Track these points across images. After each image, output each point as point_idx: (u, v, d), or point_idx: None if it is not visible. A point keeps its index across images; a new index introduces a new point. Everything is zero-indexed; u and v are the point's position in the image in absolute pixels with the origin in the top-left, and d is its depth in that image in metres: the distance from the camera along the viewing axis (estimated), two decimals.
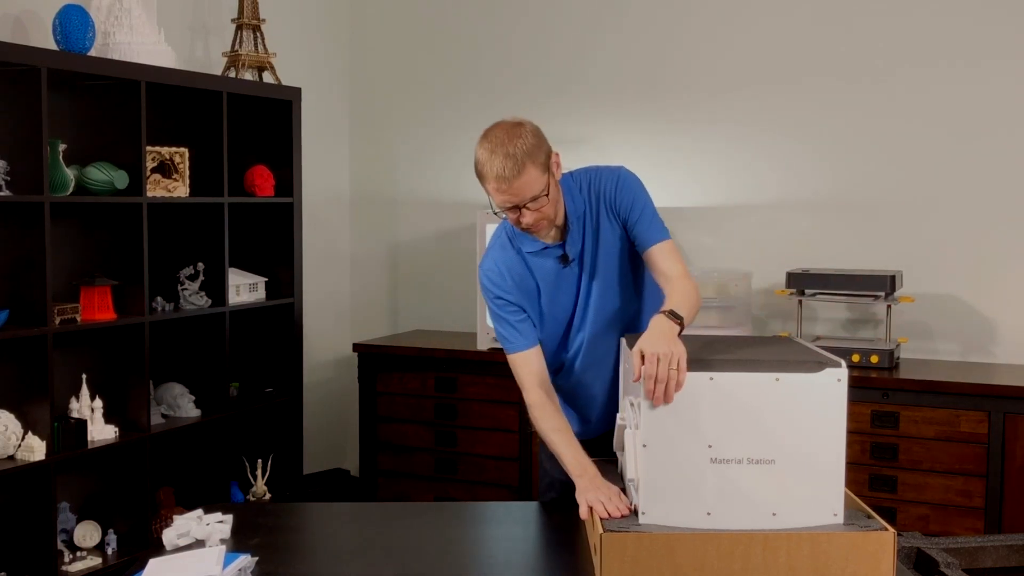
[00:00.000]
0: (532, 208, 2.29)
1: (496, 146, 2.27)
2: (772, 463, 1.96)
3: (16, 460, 3.19)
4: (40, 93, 3.16)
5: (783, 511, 1.95)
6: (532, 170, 2.27)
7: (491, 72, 4.78)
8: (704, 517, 1.96)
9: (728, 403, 1.97)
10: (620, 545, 1.89)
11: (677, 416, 1.98)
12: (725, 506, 1.96)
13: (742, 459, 1.97)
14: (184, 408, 3.85)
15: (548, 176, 2.31)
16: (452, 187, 4.87)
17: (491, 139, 2.30)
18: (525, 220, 2.31)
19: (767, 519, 1.95)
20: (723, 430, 1.97)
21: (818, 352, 2.12)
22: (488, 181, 2.28)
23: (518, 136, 2.29)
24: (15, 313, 3.25)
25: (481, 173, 2.30)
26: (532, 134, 2.32)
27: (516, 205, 2.28)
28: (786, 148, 4.30)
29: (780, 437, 1.96)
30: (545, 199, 2.30)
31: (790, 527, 1.94)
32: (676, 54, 4.45)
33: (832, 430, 1.98)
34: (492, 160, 2.26)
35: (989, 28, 3.98)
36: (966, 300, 4.06)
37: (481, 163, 2.29)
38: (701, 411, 1.97)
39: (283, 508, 2.71)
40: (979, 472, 3.57)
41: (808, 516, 1.96)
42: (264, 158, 4.19)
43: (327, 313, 4.93)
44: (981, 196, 4.02)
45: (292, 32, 4.63)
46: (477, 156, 2.31)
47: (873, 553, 1.89)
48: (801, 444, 1.96)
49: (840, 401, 1.99)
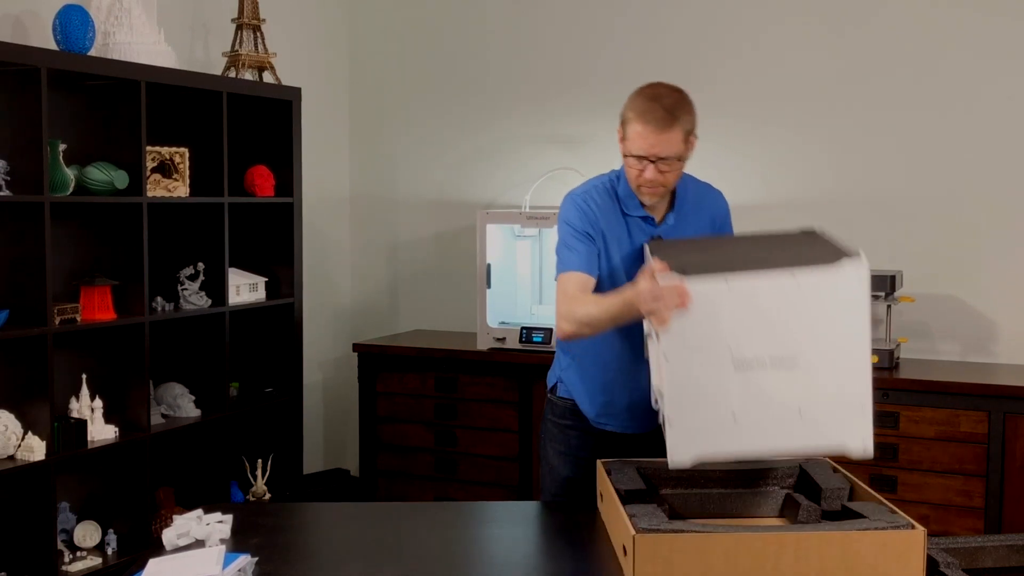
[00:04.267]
0: (660, 167, 2.37)
1: (658, 96, 2.37)
2: (795, 362, 1.95)
3: (16, 460, 3.18)
4: (40, 93, 3.16)
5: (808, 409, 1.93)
6: (679, 133, 2.36)
7: (491, 72, 4.78)
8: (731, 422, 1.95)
9: (746, 307, 1.97)
10: (653, 546, 1.89)
11: (696, 325, 1.97)
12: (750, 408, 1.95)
13: (764, 361, 1.96)
14: (184, 408, 3.85)
15: (685, 148, 2.40)
16: (452, 187, 4.87)
17: (654, 90, 2.40)
18: (648, 174, 2.37)
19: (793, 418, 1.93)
20: (743, 334, 1.97)
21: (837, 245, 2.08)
22: (636, 124, 2.36)
23: (681, 98, 2.41)
24: (15, 313, 3.25)
25: (631, 116, 2.37)
26: (692, 106, 2.43)
27: (649, 156, 2.35)
28: (786, 148, 4.30)
29: (802, 335, 1.95)
30: (675, 164, 2.38)
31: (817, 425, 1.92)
32: (676, 54, 4.45)
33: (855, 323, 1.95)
34: (651, 106, 2.35)
35: (991, 28, 3.98)
36: (966, 300, 4.06)
37: (638, 106, 2.37)
38: (720, 318, 1.97)
39: (283, 508, 2.71)
40: (979, 472, 3.57)
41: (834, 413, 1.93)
42: (264, 158, 4.20)
43: (327, 313, 4.93)
44: (981, 196, 4.02)
45: (292, 32, 4.63)
46: (632, 101, 2.39)
47: (903, 552, 1.90)
48: (823, 341, 1.95)
49: (861, 294, 1.96)
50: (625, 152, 2.40)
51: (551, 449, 2.63)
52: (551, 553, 2.14)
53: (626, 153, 2.40)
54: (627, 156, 2.40)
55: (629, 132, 2.39)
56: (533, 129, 4.69)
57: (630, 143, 2.38)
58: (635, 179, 2.42)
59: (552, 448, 2.62)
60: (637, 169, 2.39)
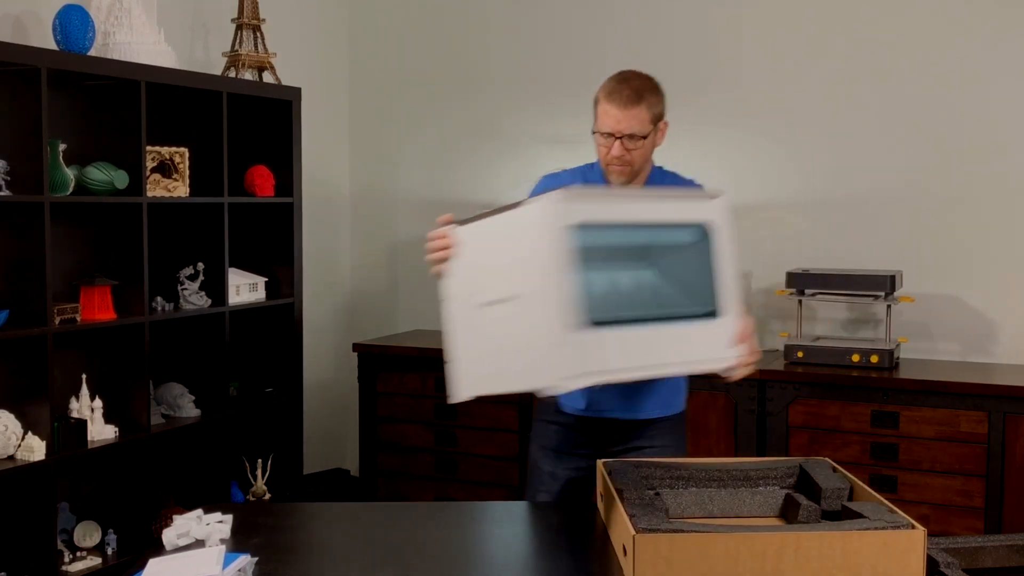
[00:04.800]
0: (626, 145, 2.45)
1: (630, 79, 2.51)
2: (517, 299, 1.99)
3: (16, 460, 3.19)
4: (40, 93, 3.16)
5: (527, 346, 1.96)
6: (644, 111, 2.47)
7: (492, 72, 4.78)
8: (491, 359, 2.05)
9: (482, 248, 2.12)
10: (653, 546, 1.89)
11: (458, 269, 2.15)
12: (497, 345, 2.04)
13: (496, 300, 2.03)
14: (184, 408, 3.85)
15: (652, 130, 2.50)
16: (452, 187, 4.87)
17: (625, 73, 2.54)
18: (615, 151, 2.46)
19: (525, 354, 1.97)
20: (485, 275, 2.09)
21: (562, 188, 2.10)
22: (604, 103, 2.48)
23: (651, 84, 2.53)
24: (15, 313, 3.25)
25: (601, 96, 2.49)
26: (660, 91, 2.55)
27: (615, 133, 2.45)
28: (786, 148, 4.30)
29: (521, 271, 1.99)
30: (641, 142, 2.47)
31: (534, 362, 1.96)
32: (676, 54, 4.45)
33: (552, 256, 1.93)
34: (621, 86, 2.48)
35: (991, 28, 3.98)
36: (966, 300, 4.06)
37: (607, 87, 2.50)
38: (469, 261, 2.14)
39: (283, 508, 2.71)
40: (979, 472, 3.57)
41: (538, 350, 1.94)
42: (264, 158, 4.20)
43: (327, 313, 4.93)
44: (981, 196, 4.02)
45: (292, 32, 4.63)
46: (605, 83, 2.52)
47: (903, 552, 1.90)
48: (534, 275, 1.96)
49: (549, 226, 1.94)
50: (595, 130, 2.50)
51: (537, 451, 2.66)
52: (551, 553, 2.14)
53: (595, 130, 2.50)
54: (596, 133, 2.50)
55: (598, 111, 2.49)
56: (534, 129, 4.69)
57: (599, 121, 2.49)
58: (604, 157, 2.51)
59: (538, 450, 2.65)
60: (605, 147, 2.49)
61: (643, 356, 2.06)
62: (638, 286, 2.15)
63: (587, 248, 2.00)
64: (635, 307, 2.11)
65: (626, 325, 2.04)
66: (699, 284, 2.16)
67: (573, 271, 1.94)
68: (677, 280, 2.18)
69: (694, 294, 2.16)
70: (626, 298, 2.12)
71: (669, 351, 2.10)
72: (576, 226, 1.97)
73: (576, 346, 1.95)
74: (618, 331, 2.02)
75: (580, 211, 1.99)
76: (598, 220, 2.05)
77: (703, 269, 2.16)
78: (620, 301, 2.10)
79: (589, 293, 1.98)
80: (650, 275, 2.19)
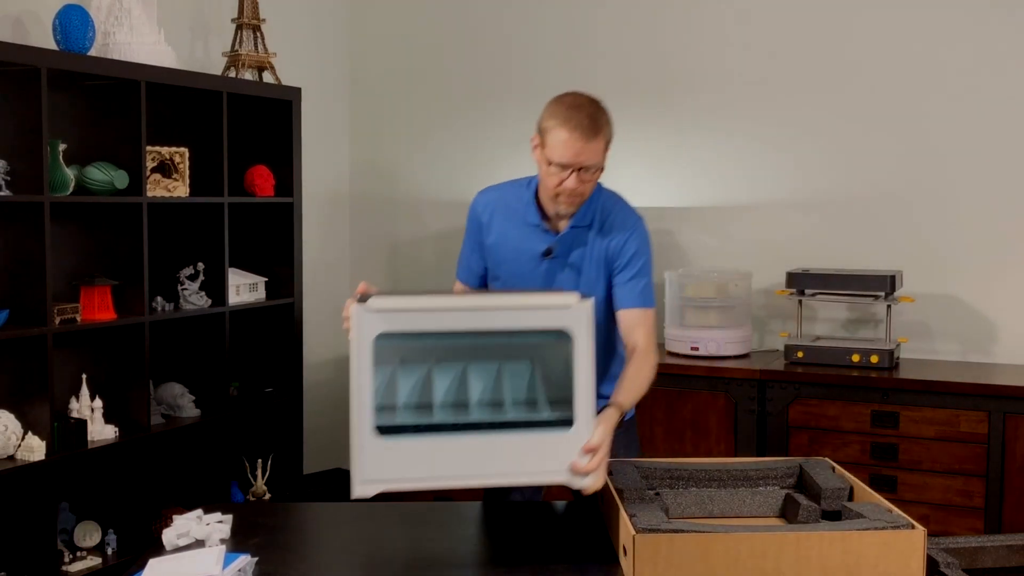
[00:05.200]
0: (582, 177, 2.35)
1: (581, 106, 2.35)
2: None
3: (16, 460, 3.18)
4: (40, 93, 3.16)
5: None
6: (602, 142, 2.37)
7: (491, 72, 4.78)
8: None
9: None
10: (653, 546, 1.89)
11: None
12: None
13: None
14: (184, 408, 3.85)
15: (604, 158, 2.40)
16: (452, 187, 4.87)
17: (575, 99, 2.37)
18: (569, 184, 2.35)
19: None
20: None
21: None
22: (561, 132, 2.32)
23: (601, 108, 2.39)
24: (15, 313, 3.25)
25: (555, 124, 2.34)
26: (609, 114, 2.41)
27: (574, 166, 2.33)
28: (786, 148, 4.30)
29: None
30: (596, 173, 2.38)
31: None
32: (676, 54, 4.45)
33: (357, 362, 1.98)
34: (575, 115, 2.32)
35: (991, 28, 3.98)
36: (966, 300, 4.06)
37: (559, 115, 2.34)
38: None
39: (283, 508, 2.71)
40: (979, 472, 3.57)
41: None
42: (264, 158, 4.20)
43: (327, 313, 4.93)
44: (982, 196, 4.02)
45: (292, 32, 4.63)
46: (554, 109, 2.36)
47: (904, 551, 1.90)
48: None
49: (359, 331, 1.98)
50: (547, 160, 2.36)
51: None
52: (551, 553, 2.13)
53: (549, 161, 2.36)
54: (549, 164, 2.36)
55: (552, 140, 2.34)
56: (533, 129, 4.68)
57: (552, 151, 2.34)
58: (554, 188, 2.38)
59: None
60: (559, 178, 2.35)
61: (465, 465, 2.02)
62: (482, 392, 2.09)
63: (420, 352, 2.02)
64: (467, 414, 2.06)
65: (448, 432, 2.02)
66: (551, 391, 2.09)
67: (373, 378, 1.97)
68: (526, 387, 2.10)
69: (543, 402, 2.09)
70: (457, 406, 2.07)
71: (503, 460, 2.03)
72: (396, 334, 1.99)
73: (374, 452, 1.98)
74: (434, 438, 2.01)
75: (396, 320, 1.99)
76: (423, 329, 2.02)
77: (557, 376, 2.08)
78: (451, 408, 2.06)
79: (405, 402, 2.00)
80: (495, 381, 2.11)
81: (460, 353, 2.08)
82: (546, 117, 2.38)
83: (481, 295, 2.10)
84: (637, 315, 2.44)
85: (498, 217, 2.55)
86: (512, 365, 2.09)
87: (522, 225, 2.51)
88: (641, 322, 2.44)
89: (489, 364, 2.08)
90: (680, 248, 4.43)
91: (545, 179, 2.40)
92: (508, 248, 2.54)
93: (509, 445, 2.03)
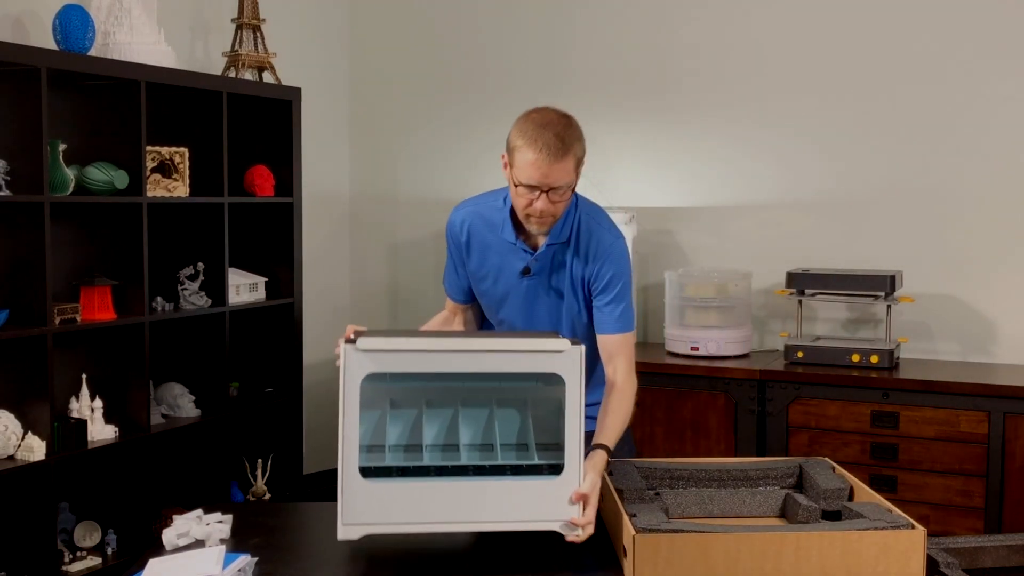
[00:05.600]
0: (552, 198, 2.28)
1: (549, 123, 2.26)
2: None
3: (16, 460, 3.18)
4: (40, 93, 3.16)
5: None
6: (571, 161, 2.27)
7: (491, 72, 4.78)
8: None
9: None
10: (653, 546, 1.89)
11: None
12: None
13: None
14: (184, 408, 3.85)
15: (576, 176, 2.31)
16: (452, 187, 4.87)
17: (543, 116, 2.29)
18: (539, 205, 2.28)
19: None
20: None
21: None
22: (527, 152, 2.24)
23: (570, 125, 2.29)
24: (15, 313, 3.25)
25: (522, 144, 2.26)
26: (580, 130, 2.32)
27: (541, 187, 2.26)
28: (786, 148, 4.30)
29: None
30: (566, 194, 2.30)
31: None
32: (675, 53, 4.45)
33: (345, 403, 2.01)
34: (542, 134, 2.24)
35: (990, 28, 3.98)
36: (966, 300, 4.06)
37: (527, 134, 2.26)
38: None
39: (283, 508, 2.71)
40: (979, 472, 3.57)
41: None
42: (264, 158, 4.20)
43: (327, 313, 4.93)
44: (981, 196, 4.02)
45: (292, 32, 4.63)
46: (522, 127, 2.28)
47: (904, 551, 1.90)
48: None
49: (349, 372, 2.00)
50: (515, 181, 2.29)
51: None
52: (551, 553, 2.14)
53: (516, 182, 2.28)
54: (517, 185, 2.29)
55: (519, 160, 2.26)
56: None
57: (520, 171, 2.26)
58: (523, 208, 2.31)
59: None
60: (527, 199, 2.28)
61: (453, 510, 2.00)
62: (471, 436, 2.07)
63: (410, 394, 2.01)
64: (456, 459, 2.05)
65: (437, 476, 2.00)
66: (541, 436, 2.07)
67: (361, 419, 1.97)
68: (516, 432, 2.09)
69: (532, 448, 2.08)
70: (446, 450, 2.06)
71: (492, 506, 2.01)
72: (385, 375, 1.99)
73: (360, 495, 1.97)
74: (422, 482, 1.99)
75: (386, 361, 1.98)
76: (413, 371, 2.00)
77: (547, 420, 2.06)
78: (440, 452, 2.05)
79: (393, 444, 2.00)
80: (485, 425, 2.09)
81: (450, 395, 2.07)
82: (514, 136, 2.30)
83: (472, 337, 2.06)
84: (615, 341, 2.40)
85: (476, 234, 2.48)
86: (502, 410, 2.07)
87: (500, 242, 2.45)
88: (619, 349, 2.39)
89: (479, 408, 2.06)
90: (680, 248, 4.44)
91: (515, 199, 2.33)
92: (489, 265, 2.48)
93: (498, 491, 2.01)
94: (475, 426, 2.07)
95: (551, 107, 2.35)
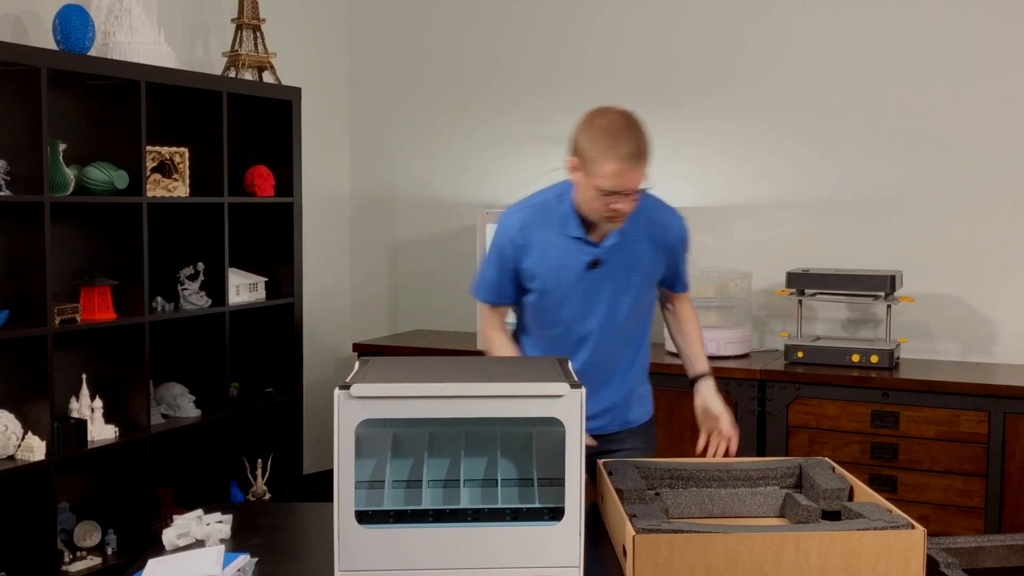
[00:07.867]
0: (633, 197, 2.35)
1: (620, 131, 2.30)
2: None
3: (16, 460, 3.18)
4: (40, 93, 3.16)
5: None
6: (648, 161, 2.35)
7: (491, 71, 4.78)
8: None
9: None
10: (653, 546, 1.89)
11: None
12: None
13: None
14: (184, 408, 3.85)
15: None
16: (452, 187, 4.87)
17: (610, 122, 2.32)
18: (622, 206, 2.35)
19: None
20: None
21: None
22: (609, 163, 2.29)
23: (638, 125, 2.35)
24: (15, 313, 3.25)
25: (598, 155, 2.29)
26: (644, 125, 2.37)
27: (623, 191, 2.32)
28: (786, 148, 4.30)
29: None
30: (641, 192, 2.38)
31: None
32: (675, 53, 4.45)
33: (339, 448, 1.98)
34: (619, 144, 2.29)
35: (990, 28, 3.98)
36: (966, 300, 4.06)
37: (600, 144, 2.30)
38: None
39: (283, 508, 2.71)
40: (979, 472, 3.57)
41: None
42: (264, 158, 4.20)
43: (327, 313, 4.93)
44: (981, 196, 4.02)
45: (292, 32, 4.63)
46: (592, 136, 2.32)
47: (904, 552, 1.90)
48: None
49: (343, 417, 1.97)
50: (595, 187, 2.33)
51: None
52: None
53: (597, 189, 2.33)
54: (597, 190, 2.34)
55: (599, 170, 2.30)
56: (533, 128, 4.69)
57: (602, 180, 2.31)
58: (603, 211, 2.37)
59: None
60: (606, 203, 2.35)
61: (450, 556, 1.97)
62: (474, 472, 2.06)
63: (406, 438, 1.99)
64: (454, 503, 2.03)
65: (434, 522, 1.99)
66: (541, 481, 2.04)
67: (356, 466, 1.95)
68: (516, 477, 2.07)
69: (533, 493, 2.05)
70: (444, 495, 2.04)
71: (490, 551, 1.98)
72: (380, 420, 1.97)
73: (355, 541, 1.94)
74: (419, 529, 1.97)
75: (380, 408, 1.96)
76: (408, 416, 1.98)
77: (547, 464, 2.03)
78: (438, 497, 2.03)
79: (389, 489, 1.98)
80: (484, 470, 2.07)
81: (447, 440, 2.05)
82: (584, 143, 2.33)
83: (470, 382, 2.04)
84: (685, 296, 2.76)
85: (535, 236, 2.51)
86: (505, 444, 2.06)
87: (563, 239, 2.49)
88: (688, 300, 2.77)
89: (477, 453, 2.05)
90: None
91: (592, 203, 2.38)
92: (550, 262, 2.50)
93: (496, 537, 1.98)
94: (478, 462, 2.05)
95: (610, 107, 2.38)
